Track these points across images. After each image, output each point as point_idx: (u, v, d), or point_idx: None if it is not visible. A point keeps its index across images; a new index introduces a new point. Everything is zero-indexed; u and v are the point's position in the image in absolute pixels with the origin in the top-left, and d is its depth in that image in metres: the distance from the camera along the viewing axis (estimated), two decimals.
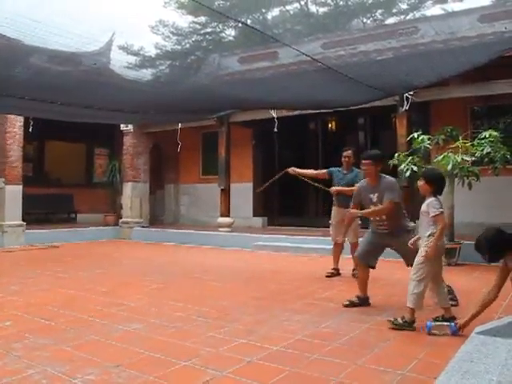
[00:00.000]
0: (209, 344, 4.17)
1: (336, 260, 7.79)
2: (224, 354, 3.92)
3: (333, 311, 5.41)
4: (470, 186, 8.59)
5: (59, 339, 4.33)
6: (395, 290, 6.53)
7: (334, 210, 7.73)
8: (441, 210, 4.63)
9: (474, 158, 8.58)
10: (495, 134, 8.49)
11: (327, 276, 7.61)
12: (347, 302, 5.62)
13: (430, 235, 4.63)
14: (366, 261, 5.65)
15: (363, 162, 5.76)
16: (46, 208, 15.42)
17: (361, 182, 6.17)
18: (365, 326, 4.76)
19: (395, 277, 7.65)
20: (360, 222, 7.74)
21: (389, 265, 9.05)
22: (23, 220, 13.04)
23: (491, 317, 4.79)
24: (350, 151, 7.74)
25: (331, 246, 8.07)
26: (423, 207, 4.79)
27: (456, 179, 8.74)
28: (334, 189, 7.55)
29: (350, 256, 7.77)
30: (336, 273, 7.70)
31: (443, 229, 4.64)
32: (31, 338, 4.36)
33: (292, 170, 7.96)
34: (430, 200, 4.71)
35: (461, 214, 9.60)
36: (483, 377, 2.77)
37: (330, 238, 8.01)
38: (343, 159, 7.77)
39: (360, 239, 7.78)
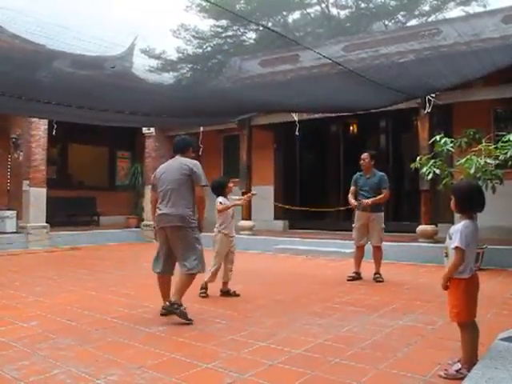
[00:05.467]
0: (230, 347, 4.18)
1: (358, 263, 7.76)
2: (245, 356, 3.93)
3: (354, 315, 5.39)
4: (493, 189, 8.47)
5: (83, 340, 4.39)
6: (418, 294, 6.48)
7: (357, 213, 7.70)
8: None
9: (497, 161, 8.46)
10: None
11: (348, 280, 7.58)
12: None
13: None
14: None
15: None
16: (69, 210, 15.60)
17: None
18: (387, 330, 4.74)
19: (419, 281, 7.60)
20: (384, 226, 7.70)
21: (413, 268, 9.00)
22: (47, 222, 13.24)
23: None
24: (366, 153, 7.75)
25: (352, 250, 8.05)
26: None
27: (479, 183, 8.63)
28: (364, 201, 7.49)
29: (372, 260, 7.76)
30: (357, 276, 7.67)
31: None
32: (56, 339, 4.42)
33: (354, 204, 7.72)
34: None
35: (483, 218, 9.45)
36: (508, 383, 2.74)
37: (350, 242, 7.99)
38: (360, 162, 7.80)
39: (383, 243, 7.78)
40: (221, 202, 6.49)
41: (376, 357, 3.90)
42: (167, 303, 5.22)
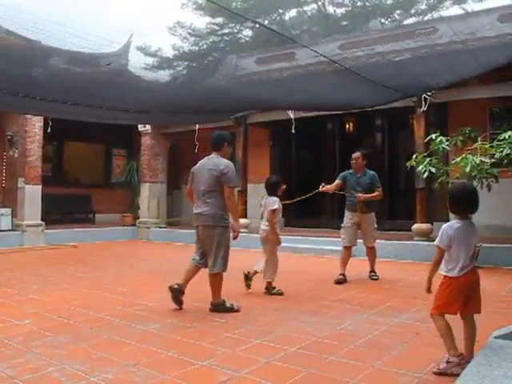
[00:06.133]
0: (226, 344, 4.18)
1: (344, 265, 7.45)
2: (241, 354, 3.93)
3: (350, 313, 5.39)
4: (489, 187, 8.50)
5: (78, 338, 4.38)
6: (413, 292, 6.49)
7: (348, 213, 7.61)
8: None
9: (493, 160, 8.48)
10: None
11: (336, 283, 7.23)
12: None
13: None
14: None
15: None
16: (64, 208, 15.57)
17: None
18: (382, 328, 4.74)
19: (415, 279, 7.61)
20: (376, 226, 7.68)
21: (408, 267, 9.02)
22: (42, 220, 13.21)
23: (510, 321, 4.74)
24: (358, 153, 7.65)
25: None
26: None
27: (475, 181, 8.66)
28: (361, 196, 7.37)
29: (366, 258, 7.77)
30: (344, 278, 7.34)
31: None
32: (50, 336, 4.41)
33: (322, 188, 7.62)
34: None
35: (479, 216, 9.49)
36: (501, 381, 2.74)
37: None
38: (351, 161, 7.69)
39: (379, 241, 7.77)
40: (275, 209, 6.45)
41: (371, 354, 3.91)
42: (176, 285, 5.50)
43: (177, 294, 5.50)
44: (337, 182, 7.67)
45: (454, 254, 3.58)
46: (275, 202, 6.50)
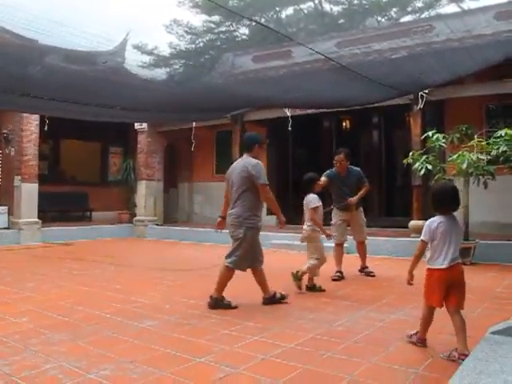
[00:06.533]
0: (223, 341, 4.19)
1: (339, 261, 7.53)
2: (238, 351, 3.94)
3: (347, 309, 5.40)
4: (485, 184, 8.52)
5: (75, 335, 4.38)
6: (410, 288, 6.47)
7: (337, 211, 7.64)
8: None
9: (489, 157, 8.51)
10: (511, 132, 8.41)
11: (334, 279, 7.28)
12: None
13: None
14: None
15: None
16: (61, 206, 15.55)
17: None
18: (379, 324, 4.76)
19: None
20: (365, 220, 7.72)
21: (405, 263, 9.02)
22: (39, 218, 13.19)
23: (506, 316, 4.76)
24: (341, 155, 7.49)
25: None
26: None
27: (471, 178, 8.69)
28: (352, 200, 7.37)
29: (357, 255, 7.80)
30: (341, 275, 7.39)
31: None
32: (47, 334, 4.41)
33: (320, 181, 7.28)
34: None
35: (476, 213, 9.54)
36: (498, 376, 2.75)
37: None
38: (335, 163, 7.58)
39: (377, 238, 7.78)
40: (317, 206, 6.38)
41: (368, 350, 3.92)
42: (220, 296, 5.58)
43: (218, 303, 5.55)
44: (324, 179, 7.46)
45: (436, 247, 3.83)
46: (314, 200, 6.38)
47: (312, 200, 6.40)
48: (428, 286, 3.88)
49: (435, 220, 3.90)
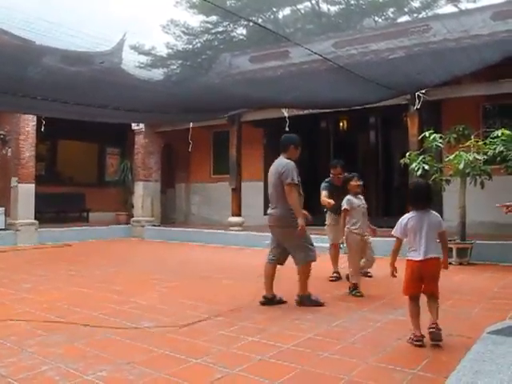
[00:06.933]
0: (220, 342, 4.18)
1: (336, 262, 7.55)
2: (235, 351, 3.93)
3: (344, 310, 5.40)
4: (482, 185, 8.54)
5: (72, 336, 4.37)
6: None
7: (329, 213, 7.62)
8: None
9: (486, 157, 8.52)
10: (508, 132, 8.43)
11: (331, 280, 7.32)
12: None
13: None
14: None
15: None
16: (58, 207, 15.55)
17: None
18: (376, 324, 4.76)
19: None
20: None
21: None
22: (36, 219, 13.17)
23: (503, 317, 4.77)
24: (338, 168, 7.42)
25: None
26: None
27: (468, 178, 8.70)
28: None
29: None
30: (339, 276, 7.40)
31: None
32: (44, 335, 4.40)
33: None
34: None
35: (473, 213, 9.56)
36: (495, 376, 2.76)
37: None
38: (332, 176, 7.49)
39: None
40: (345, 209, 6.27)
41: (366, 351, 3.92)
42: (269, 295, 5.74)
43: (271, 302, 5.71)
44: (325, 193, 7.40)
45: (411, 241, 4.17)
46: (344, 201, 6.29)
47: (344, 201, 6.34)
48: (405, 276, 4.21)
49: (406, 216, 4.23)
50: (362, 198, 6.51)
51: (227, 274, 8.12)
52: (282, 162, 5.74)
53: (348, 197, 6.34)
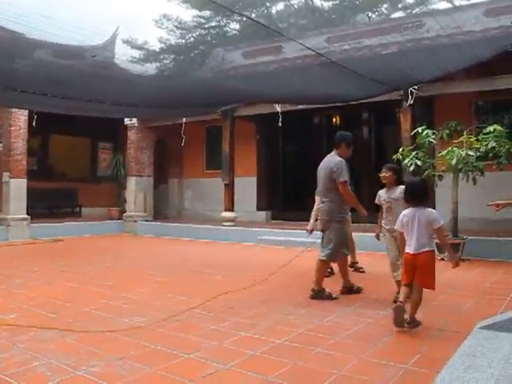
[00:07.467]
0: (212, 337, 4.18)
1: (353, 256, 7.69)
2: (227, 347, 3.93)
3: (336, 305, 5.42)
4: (474, 181, 8.57)
5: (64, 332, 4.35)
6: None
7: None
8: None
9: (478, 153, 8.55)
10: (500, 128, 8.47)
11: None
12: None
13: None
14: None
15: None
16: (50, 202, 15.45)
17: None
18: (368, 320, 4.77)
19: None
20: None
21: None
22: (28, 214, 13.10)
23: (494, 312, 4.80)
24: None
25: None
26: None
27: (460, 174, 8.72)
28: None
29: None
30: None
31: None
32: (36, 331, 4.38)
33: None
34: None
35: (465, 209, 9.59)
36: (485, 371, 2.77)
37: None
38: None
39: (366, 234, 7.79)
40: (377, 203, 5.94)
41: (358, 346, 3.93)
42: (313, 291, 5.85)
43: (320, 295, 5.79)
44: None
45: (406, 235, 4.43)
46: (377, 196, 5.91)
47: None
48: (403, 267, 4.53)
49: (403, 212, 4.52)
50: (393, 190, 5.73)
51: (220, 269, 8.11)
52: (334, 160, 5.89)
53: (379, 191, 5.96)
